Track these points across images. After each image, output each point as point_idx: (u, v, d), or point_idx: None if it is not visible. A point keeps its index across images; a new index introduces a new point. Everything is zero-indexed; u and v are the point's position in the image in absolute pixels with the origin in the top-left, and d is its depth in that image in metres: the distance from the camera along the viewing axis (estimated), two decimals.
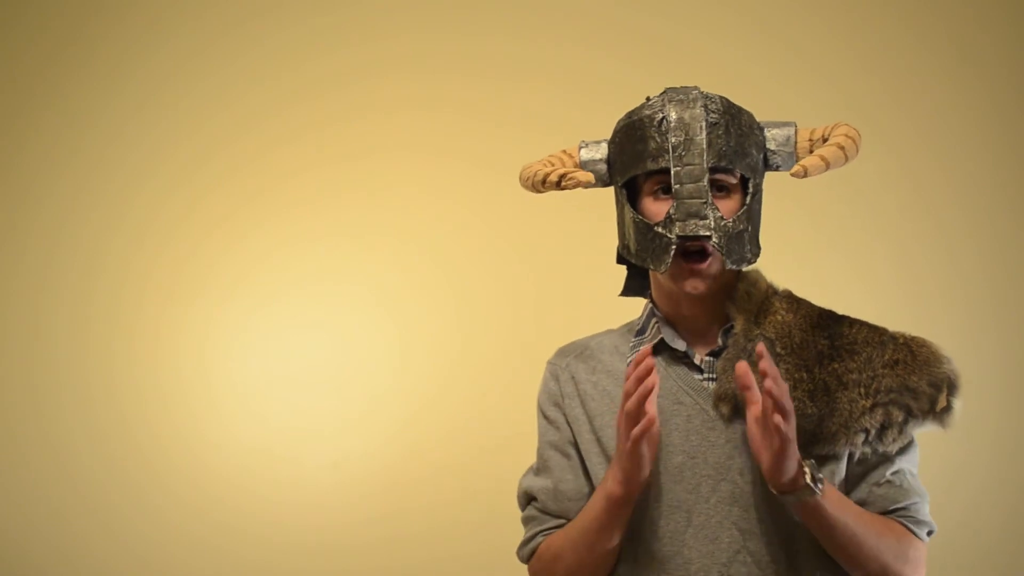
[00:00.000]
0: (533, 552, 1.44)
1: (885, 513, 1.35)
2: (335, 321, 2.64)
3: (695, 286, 1.33)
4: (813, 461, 1.28)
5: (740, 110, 1.36)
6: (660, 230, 1.31)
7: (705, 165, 1.30)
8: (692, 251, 1.32)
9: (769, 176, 1.43)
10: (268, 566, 2.55)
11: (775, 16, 2.63)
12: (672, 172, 1.31)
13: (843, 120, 1.42)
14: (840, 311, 1.43)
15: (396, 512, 2.55)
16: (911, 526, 1.35)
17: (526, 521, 1.48)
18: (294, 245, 2.66)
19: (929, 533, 1.38)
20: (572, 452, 1.44)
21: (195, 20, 2.77)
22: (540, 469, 1.47)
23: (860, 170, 2.51)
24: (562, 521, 1.42)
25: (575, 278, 2.53)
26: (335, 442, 2.58)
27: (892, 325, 1.41)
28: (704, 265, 1.32)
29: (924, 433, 1.35)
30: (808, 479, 1.23)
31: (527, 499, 1.48)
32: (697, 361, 1.39)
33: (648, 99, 1.37)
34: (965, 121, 2.55)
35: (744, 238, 1.33)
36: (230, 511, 2.58)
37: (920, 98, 2.56)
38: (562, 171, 1.38)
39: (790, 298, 1.41)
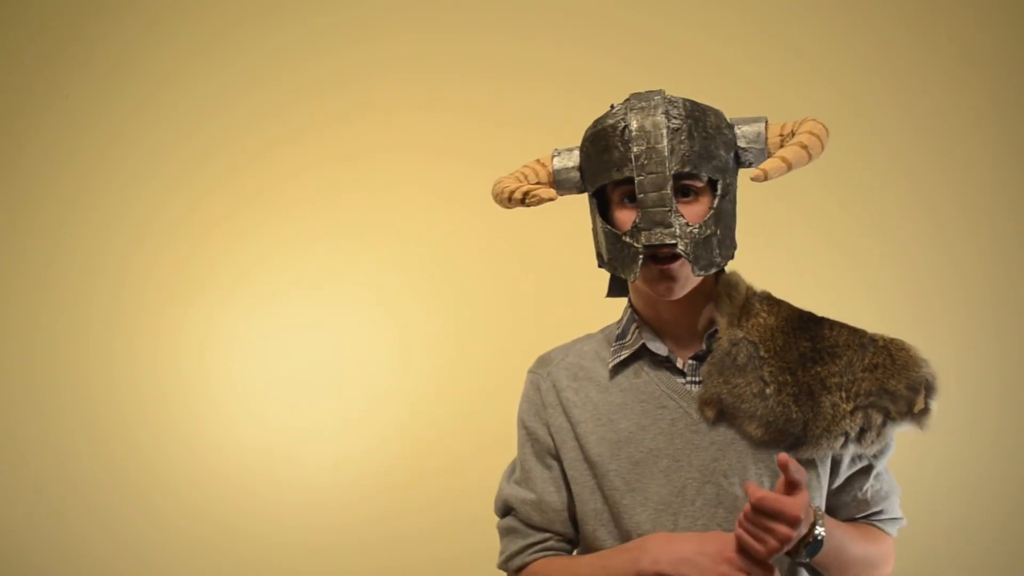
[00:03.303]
0: (521, 567, 1.47)
1: (866, 516, 1.45)
2: (335, 321, 2.64)
3: (668, 288, 1.33)
4: (818, 506, 1.33)
5: (705, 111, 1.34)
6: (627, 239, 1.32)
7: (668, 173, 1.29)
8: (662, 255, 1.32)
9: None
10: (268, 566, 2.55)
11: (775, 16, 2.63)
12: (636, 181, 1.30)
13: (844, 118, 1.41)
14: (840, 312, 1.43)
15: (396, 512, 2.55)
16: (886, 528, 1.46)
17: (506, 532, 1.51)
18: (294, 245, 2.66)
19: (898, 524, 1.48)
20: (553, 463, 1.47)
21: (195, 20, 2.77)
22: (522, 480, 1.50)
23: (860, 170, 2.53)
24: (548, 535, 1.46)
25: (574, 279, 2.52)
26: (335, 442, 2.59)
27: (892, 325, 1.41)
28: (675, 265, 1.31)
29: (924, 434, 1.36)
30: (817, 534, 1.26)
31: (506, 509, 1.51)
32: (680, 365, 1.40)
33: (612, 107, 1.37)
34: (965, 121, 2.55)
35: (712, 243, 1.32)
36: (230, 511, 2.58)
37: (920, 98, 2.56)
38: (525, 188, 1.39)
39: (770, 300, 1.41)
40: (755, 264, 1.52)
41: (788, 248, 2.51)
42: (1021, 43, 2.56)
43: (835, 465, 1.38)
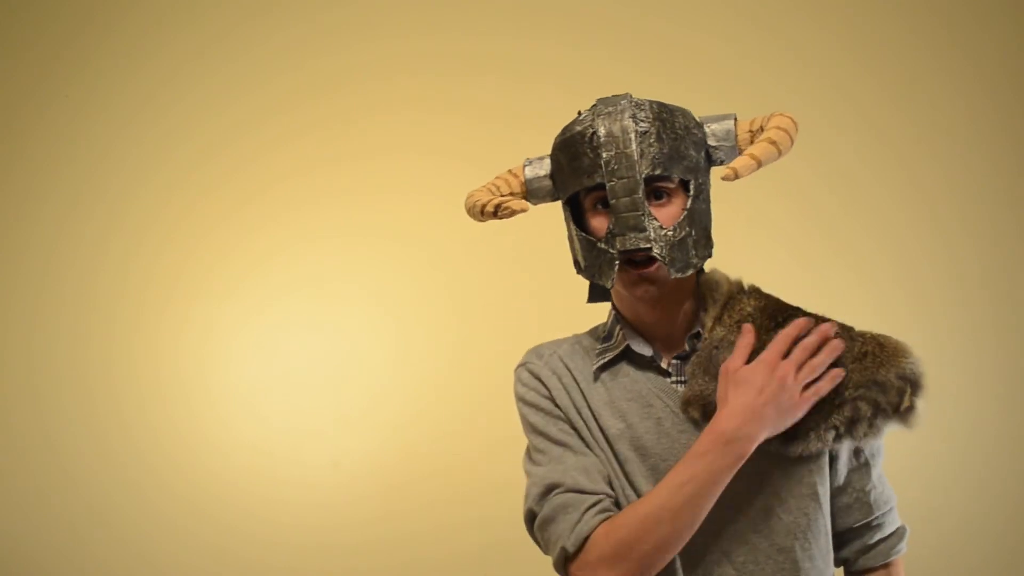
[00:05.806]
0: (584, 540, 1.28)
1: (868, 522, 1.41)
2: (335, 321, 2.64)
3: (647, 291, 1.33)
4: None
5: (673, 112, 1.34)
6: (602, 246, 1.32)
7: (639, 177, 1.29)
8: (638, 259, 1.32)
9: (767, 176, 1.42)
10: (268, 565, 2.55)
11: (775, 17, 2.63)
12: (607, 187, 1.30)
13: (844, 117, 1.40)
14: (839, 312, 1.41)
15: (396, 511, 2.55)
16: (901, 548, 1.44)
17: (555, 513, 1.32)
18: (294, 245, 2.67)
19: (906, 535, 1.45)
20: (576, 436, 1.39)
21: (195, 21, 2.77)
22: (552, 460, 1.37)
23: (860, 170, 2.53)
24: (601, 495, 1.31)
25: (574, 278, 2.53)
26: (335, 441, 2.59)
27: (892, 325, 1.41)
28: (651, 269, 1.31)
29: (924, 433, 1.35)
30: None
31: (547, 491, 1.35)
32: (664, 365, 1.40)
33: (579, 113, 1.37)
34: (965, 120, 2.55)
35: (688, 243, 1.32)
36: (230, 510, 2.58)
37: (919, 97, 2.56)
38: (497, 201, 1.39)
39: (758, 294, 1.40)
40: (754, 263, 1.52)
41: (787, 247, 2.51)
42: (1021, 43, 2.56)
43: (832, 461, 1.37)
